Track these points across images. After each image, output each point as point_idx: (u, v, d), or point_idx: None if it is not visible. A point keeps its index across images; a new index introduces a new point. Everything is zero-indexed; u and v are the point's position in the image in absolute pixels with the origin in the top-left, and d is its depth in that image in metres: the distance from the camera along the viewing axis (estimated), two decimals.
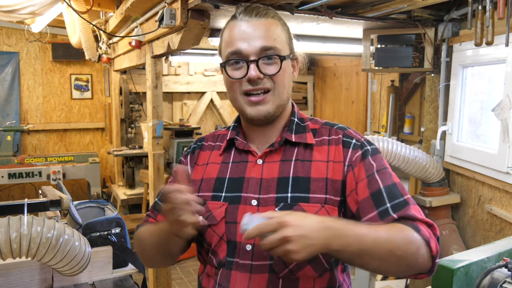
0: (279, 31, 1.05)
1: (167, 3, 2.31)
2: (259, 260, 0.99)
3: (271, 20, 1.05)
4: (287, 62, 1.06)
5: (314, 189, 1.00)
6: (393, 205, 0.97)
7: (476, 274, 1.44)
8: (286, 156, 1.06)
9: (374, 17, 2.66)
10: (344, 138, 1.07)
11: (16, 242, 1.42)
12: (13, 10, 3.29)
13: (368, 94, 4.00)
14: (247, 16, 1.03)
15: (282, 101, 1.06)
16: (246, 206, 1.02)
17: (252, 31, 1.02)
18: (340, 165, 1.03)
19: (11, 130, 5.19)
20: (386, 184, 0.99)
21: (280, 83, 1.04)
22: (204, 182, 1.10)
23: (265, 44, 1.01)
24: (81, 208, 2.08)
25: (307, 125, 1.11)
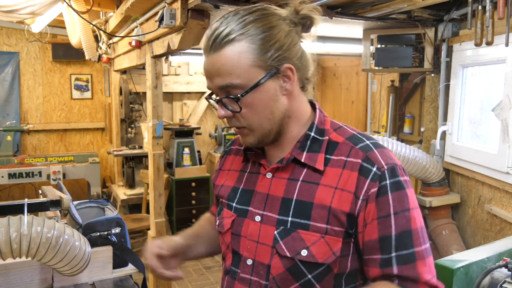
0: (238, 59, 0.91)
1: (167, 3, 2.31)
2: (257, 277, 0.99)
3: (227, 49, 0.91)
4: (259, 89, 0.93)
5: (315, 216, 0.93)
6: (398, 255, 0.89)
7: (476, 274, 1.44)
8: (295, 174, 0.98)
9: (374, 17, 2.66)
10: (363, 163, 0.93)
11: (16, 242, 1.42)
12: (13, 10, 3.29)
13: (368, 94, 4.00)
14: (206, 51, 0.94)
15: (264, 131, 0.97)
16: (250, 221, 1.02)
17: (209, 68, 0.94)
18: (350, 196, 0.92)
19: (11, 130, 5.19)
20: (399, 231, 0.90)
21: (250, 118, 0.95)
22: (223, 188, 1.12)
23: (220, 84, 0.93)
24: (81, 208, 2.08)
25: (325, 140, 0.99)
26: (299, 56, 0.97)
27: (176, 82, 5.56)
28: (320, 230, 0.92)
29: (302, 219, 0.94)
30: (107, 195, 5.48)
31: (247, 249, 1.00)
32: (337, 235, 0.92)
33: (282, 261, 0.95)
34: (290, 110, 0.98)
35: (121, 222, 1.87)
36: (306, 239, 0.93)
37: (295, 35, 0.97)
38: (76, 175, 5.09)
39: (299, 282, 0.94)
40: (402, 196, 0.91)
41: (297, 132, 1.01)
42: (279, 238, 0.95)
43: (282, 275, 0.95)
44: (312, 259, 0.92)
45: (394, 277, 0.90)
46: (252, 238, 1.00)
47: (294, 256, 0.93)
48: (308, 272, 0.93)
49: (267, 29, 0.92)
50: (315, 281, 0.94)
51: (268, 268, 0.97)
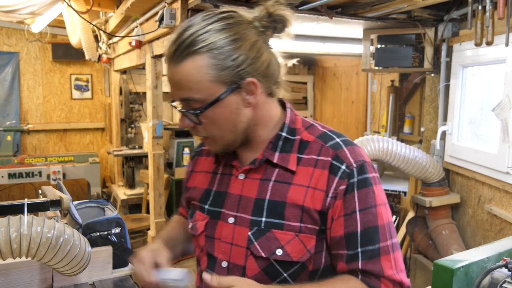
0: (198, 74, 0.89)
1: (167, 3, 2.31)
2: None
3: (188, 63, 0.89)
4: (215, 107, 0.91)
5: (288, 216, 0.94)
6: (364, 251, 0.91)
7: (476, 274, 1.44)
8: (267, 175, 0.98)
9: (374, 17, 2.66)
10: (333, 161, 0.94)
11: (16, 242, 1.42)
12: (13, 10, 3.29)
13: (368, 94, 4.00)
14: (168, 61, 0.92)
15: (228, 141, 0.97)
16: (224, 223, 1.01)
17: (171, 79, 0.93)
18: (322, 194, 0.93)
19: (11, 130, 5.19)
20: (365, 227, 0.92)
21: (211, 131, 0.96)
22: (195, 190, 1.11)
23: (180, 96, 0.93)
24: (81, 208, 2.08)
25: (296, 140, 0.99)
26: (265, 66, 0.94)
27: None
28: (294, 229, 0.93)
29: (276, 219, 0.94)
30: (107, 195, 5.48)
31: (222, 251, 1.00)
32: (311, 233, 0.93)
33: (257, 262, 0.95)
34: (255, 119, 0.97)
35: (121, 222, 1.87)
36: (281, 239, 0.93)
37: (262, 45, 0.94)
38: (76, 175, 5.10)
39: (275, 281, 0.95)
40: (368, 193, 0.93)
41: (266, 135, 1.00)
42: (253, 238, 0.95)
43: (258, 276, 0.95)
44: (288, 258, 0.93)
45: (358, 272, 0.92)
46: (226, 240, 0.99)
47: (269, 256, 0.94)
48: (284, 271, 0.94)
49: (231, 42, 0.89)
50: (290, 279, 0.95)
51: (244, 269, 0.97)
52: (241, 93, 0.92)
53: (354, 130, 4.49)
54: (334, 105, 4.88)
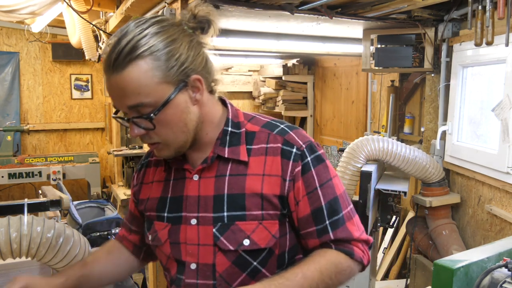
0: (145, 76, 0.89)
1: (167, 3, 2.31)
2: (203, 279, 0.99)
3: (131, 69, 0.88)
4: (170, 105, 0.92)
5: (249, 206, 0.96)
6: (331, 222, 0.98)
7: (476, 274, 1.44)
8: (220, 171, 1.00)
9: (374, 17, 2.66)
10: (284, 146, 0.99)
11: (16, 242, 1.42)
12: (13, 10, 3.29)
13: (368, 94, 4.00)
14: (108, 71, 0.90)
15: (180, 143, 0.98)
16: (187, 226, 1.01)
17: (114, 89, 0.91)
18: (278, 179, 0.97)
19: (11, 130, 5.19)
20: (327, 200, 0.99)
21: (165, 135, 0.95)
22: (149, 201, 1.10)
23: (129, 104, 0.91)
24: (81, 208, 2.08)
25: (243, 132, 1.02)
26: (204, 65, 0.97)
27: None
28: (256, 217, 0.96)
29: (238, 211, 0.97)
30: (107, 195, 5.48)
31: (189, 253, 1.00)
32: (273, 219, 0.97)
33: (227, 256, 0.97)
34: (202, 116, 0.99)
35: (121, 222, 1.88)
36: (245, 229, 0.96)
37: (197, 45, 0.96)
38: (76, 175, 5.10)
39: (246, 272, 0.98)
40: (323, 168, 1.00)
41: (213, 132, 1.02)
42: (219, 234, 0.97)
43: (229, 270, 0.98)
44: (255, 246, 0.96)
45: (330, 243, 0.99)
46: (192, 242, 1.00)
47: (238, 248, 0.96)
48: (253, 260, 0.98)
49: (170, 43, 0.91)
50: (260, 266, 0.98)
51: (213, 267, 0.98)
52: (188, 91, 0.94)
53: (354, 130, 4.49)
54: (334, 105, 4.87)
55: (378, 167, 2.72)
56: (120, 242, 1.24)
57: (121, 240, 1.24)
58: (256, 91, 5.60)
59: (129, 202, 1.24)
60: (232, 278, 0.98)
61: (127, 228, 1.23)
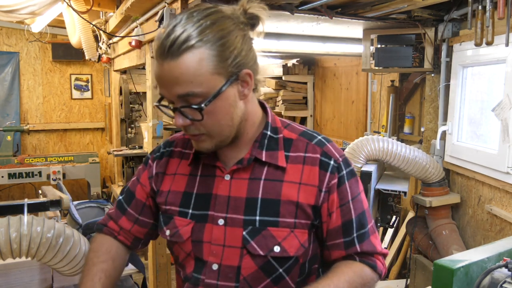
0: (200, 66, 0.87)
1: (167, 3, 2.31)
2: (225, 281, 0.97)
3: (187, 56, 0.86)
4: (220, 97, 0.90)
5: (283, 213, 0.96)
6: (358, 235, 1.01)
7: (476, 274, 1.44)
8: (255, 174, 0.99)
9: (374, 17, 2.66)
10: (322, 157, 0.99)
11: (16, 242, 1.42)
12: (13, 10, 3.29)
13: (368, 94, 4.00)
14: (161, 57, 0.89)
15: (223, 137, 0.96)
16: (213, 225, 0.98)
17: (166, 76, 0.89)
18: (314, 189, 0.98)
19: (11, 130, 5.19)
20: (357, 214, 1.01)
21: (211, 126, 0.93)
22: (171, 195, 1.05)
23: (180, 92, 0.89)
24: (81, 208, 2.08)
25: (280, 137, 1.01)
26: (255, 60, 0.96)
27: None
28: (289, 225, 0.96)
29: (271, 217, 0.96)
30: (107, 195, 5.48)
31: (213, 254, 0.98)
32: (304, 228, 0.97)
33: (255, 260, 0.95)
34: (246, 113, 0.98)
35: None
36: (277, 236, 0.95)
37: (249, 40, 0.95)
38: (76, 175, 5.10)
39: (271, 278, 0.97)
40: (355, 182, 1.02)
41: (252, 133, 1.01)
42: (249, 238, 0.95)
43: (254, 274, 0.96)
44: (285, 253, 0.95)
45: (355, 255, 1.01)
46: (217, 242, 0.97)
47: (268, 254, 0.95)
48: (280, 267, 0.97)
49: (225, 35, 0.89)
50: (285, 273, 0.97)
51: (238, 269, 0.96)
52: (238, 84, 0.93)
53: (354, 130, 4.49)
54: (334, 105, 4.87)
55: (378, 167, 2.72)
56: (114, 237, 1.14)
57: (115, 235, 1.14)
58: None
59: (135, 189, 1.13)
60: (256, 282, 0.96)
61: (133, 219, 1.13)
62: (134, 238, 1.14)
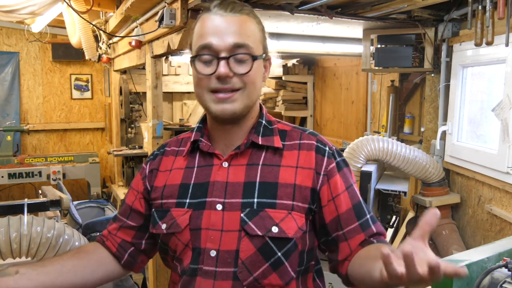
0: (254, 29, 1.01)
1: (167, 3, 2.31)
2: (223, 266, 0.96)
3: (246, 17, 1.00)
4: (259, 62, 1.01)
5: (281, 195, 0.98)
6: (371, 216, 1.04)
7: (476, 274, 1.44)
8: (253, 160, 1.02)
9: (374, 17, 2.66)
10: (317, 143, 1.05)
11: (16, 242, 1.42)
12: (13, 10, 3.29)
13: (368, 94, 4.00)
14: (222, 10, 0.98)
15: (251, 102, 1.02)
16: (211, 211, 0.99)
17: (226, 26, 0.97)
18: (311, 172, 1.01)
19: (11, 130, 5.19)
20: (361, 198, 1.06)
21: (251, 83, 1.00)
22: (167, 189, 1.06)
23: (238, 41, 0.96)
24: (81, 208, 2.08)
25: (275, 128, 1.07)
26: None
27: (176, 82, 5.56)
28: (287, 206, 0.98)
29: (268, 199, 0.98)
30: (107, 195, 5.48)
31: (211, 240, 0.98)
32: (301, 211, 0.99)
33: (253, 242, 0.96)
34: (257, 97, 1.06)
35: None
36: (275, 217, 0.96)
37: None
38: (76, 175, 5.09)
39: (269, 261, 0.96)
40: (349, 171, 1.07)
41: (252, 121, 1.07)
42: (247, 219, 0.96)
43: (252, 257, 0.96)
44: (283, 234, 0.96)
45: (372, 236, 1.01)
46: (215, 227, 0.98)
47: (265, 234, 0.95)
48: (278, 250, 0.96)
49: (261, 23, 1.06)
50: (284, 258, 0.97)
51: (237, 253, 0.96)
52: (264, 64, 1.06)
53: (354, 130, 4.49)
54: (334, 105, 4.87)
55: (378, 167, 2.72)
56: (102, 243, 1.15)
57: (103, 241, 1.15)
58: None
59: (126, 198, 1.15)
60: (255, 266, 0.96)
61: (120, 223, 1.14)
62: (121, 242, 1.13)
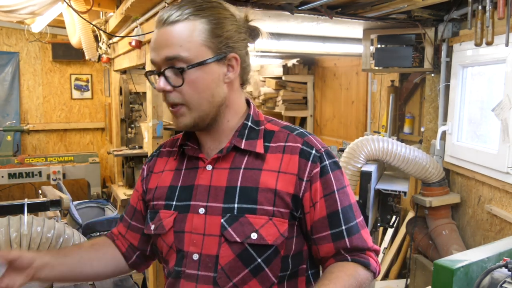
0: (190, 34, 0.94)
1: (167, 3, 2.31)
2: (205, 271, 0.97)
3: (182, 24, 0.94)
4: (203, 68, 0.95)
5: (261, 200, 0.96)
6: (347, 228, 0.99)
7: (476, 274, 1.44)
8: (236, 163, 1.01)
9: (374, 17, 2.66)
10: (303, 146, 1.00)
11: (16, 242, 1.42)
12: (13, 10, 3.29)
13: (368, 94, 4.00)
14: (160, 22, 0.96)
15: (202, 112, 0.98)
16: (194, 214, 1.00)
17: (160, 39, 0.96)
18: (293, 177, 0.98)
19: (11, 130, 5.19)
20: (344, 205, 0.99)
21: (190, 96, 0.96)
22: (158, 190, 1.08)
23: (167, 54, 0.94)
24: (81, 208, 2.08)
25: (261, 129, 1.04)
26: (244, 54, 1.02)
27: None
28: (267, 212, 0.96)
29: (249, 204, 0.96)
30: (107, 195, 5.48)
31: (193, 243, 0.98)
32: (283, 217, 0.97)
33: (232, 248, 0.95)
34: (229, 99, 1.01)
35: None
36: (255, 223, 0.95)
37: (244, 35, 1.02)
38: (76, 175, 5.10)
39: (249, 268, 0.95)
40: (340, 174, 1.02)
41: (234, 123, 1.04)
42: (227, 225, 0.96)
43: (232, 263, 0.96)
44: (263, 241, 0.94)
45: (345, 253, 0.99)
46: (198, 231, 0.98)
47: (244, 241, 0.95)
48: (258, 256, 0.95)
49: (221, 18, 0.97)
50: (264, 264, 0.96)
51: (216, 258, 0.96)
52: (224, 65, 0.98)
53: (354, 130, 4.49)
54: (334, 105, 4.88)
55: (378, 167, 2.72)
56: (112, 240, 1.18)
57: (114, 239, 1.18)
58: (256, 91, 5.60)
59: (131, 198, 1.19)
60: (234, 272, 0.96)
61: (126, 224, 1.17)
62: (130, 245, 1.17)
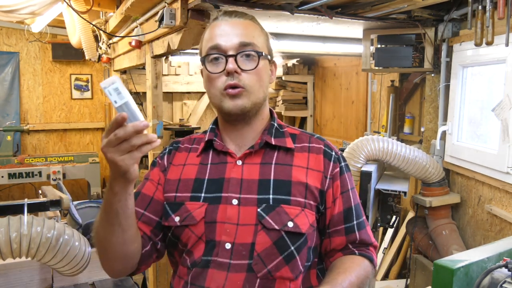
0: (258, 32, 1.10)
1: (167, 3, 2.31)
2: (238, 259, 0.99)
3: (250, 21, 1.10)
4: (265, 61, 1.09)
5: (294, 192, 1.04)
6: (358, 223, 1.10)
7: (476, 274, 1.44)
8: (266, 159, 1.08)
9: (374, 17, 2.66)
10: (325, 148, 1.12)
11: (16, 242, 1.42)
12: (13, 10, 3.29)
13: (368, 94, 4.00)
14: (227, 16, 1.08)
15: (258, 99, 1.08)
16: (227, 205, 1.02)
17: (231, 28, 1.06)
18: (320, 174, 1.08)
19: (11, 130, 5.19)
20: (355, 203, 1.12)
21: (256, 81, 1.06)
22: (182, 183, 1.09)
23: (243, 40, 1.05)
24: (81, 208, 2.08)
25: (286, 131, 1.14)
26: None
27: (176, 82, 5.56)
28: (300, 204, 1.04)
29: (283, 195, 1.03)
30: None
31: (226, 233, 1.00)
32: (312, 209, 1.05)
33: (269, 235, 1.00)
34: (266, 98, 1.13)
35: None
36: (290, 213, 1.02)
37: None
38: (76, 175, 5.09)
39: (283, 255, 1.01)
40: (351, 176, 1.14)
41: (264, 122, 1.14)
42: (264, 213, 1.01)
43: (268, 250, 1.00)
44: (298, 229, 1.01)
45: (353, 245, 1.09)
46: (231, 221, 1.01)
47: (282, 228, 1.00)
48: (291, 244, 1.01)
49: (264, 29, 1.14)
50: (296, 252, 1.02)
51: (252, 246, 0.99)
52: (270, 68, 1.13)
53: (354, 130, 4.49)
54: (334, 105, 4.88)
55: (378, 167, 2.72)
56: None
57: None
58: None
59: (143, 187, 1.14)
60: (269, 258, 0.99)
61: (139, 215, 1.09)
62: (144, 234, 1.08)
